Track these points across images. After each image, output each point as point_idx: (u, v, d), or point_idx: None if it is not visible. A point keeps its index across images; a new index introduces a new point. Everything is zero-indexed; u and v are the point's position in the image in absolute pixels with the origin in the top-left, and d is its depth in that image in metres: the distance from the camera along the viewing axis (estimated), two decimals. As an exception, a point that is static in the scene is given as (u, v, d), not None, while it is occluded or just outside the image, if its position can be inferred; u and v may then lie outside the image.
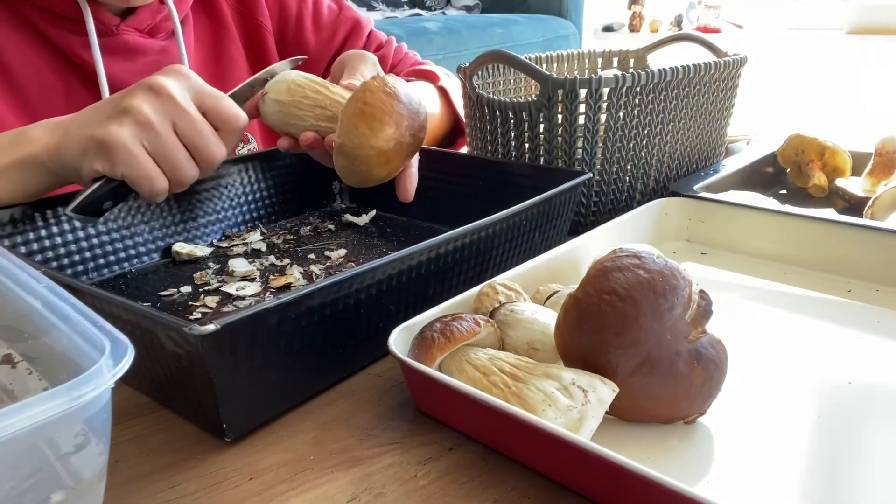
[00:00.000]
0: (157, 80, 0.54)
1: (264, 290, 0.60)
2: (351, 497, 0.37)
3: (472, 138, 0.82)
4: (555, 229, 0.64)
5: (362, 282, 0.45)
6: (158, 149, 0.54)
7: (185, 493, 0.38)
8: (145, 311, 0.39)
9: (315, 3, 0.95)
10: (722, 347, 0.41)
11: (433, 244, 0.49)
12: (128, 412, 0.46)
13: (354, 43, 0.96)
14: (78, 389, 0.26)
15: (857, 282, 0.60)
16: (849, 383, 0.46)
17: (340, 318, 0.45)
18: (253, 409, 0.43)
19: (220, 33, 0.89)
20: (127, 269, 0.65)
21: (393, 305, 0.49)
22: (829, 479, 0.37)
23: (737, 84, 0.83)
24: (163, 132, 0.53)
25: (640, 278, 0.39)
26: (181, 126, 0.54)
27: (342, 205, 0.83)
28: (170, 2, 0.78)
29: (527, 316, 0.46)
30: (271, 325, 0.41)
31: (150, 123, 0.53)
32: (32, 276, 0.35)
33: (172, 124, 0.54)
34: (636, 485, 0.33)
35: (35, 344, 0.35)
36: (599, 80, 0.67)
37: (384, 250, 0.69)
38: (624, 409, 0.40)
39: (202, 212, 0.71)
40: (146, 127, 0.53)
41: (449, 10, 3.08)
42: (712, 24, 3.34)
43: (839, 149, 0.83)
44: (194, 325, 0.36)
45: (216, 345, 0.38)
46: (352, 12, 0.99)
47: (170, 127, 0.54)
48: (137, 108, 0.52)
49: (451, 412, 0.42)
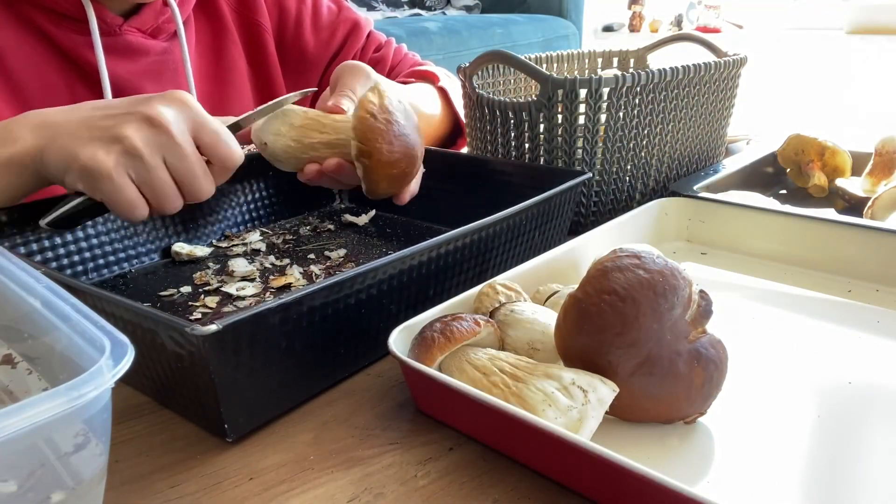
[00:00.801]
0: (155, 109, 0.51)
1: (264, 290, 0.60)
2: (351, 497, 0.37)
3: (472, 138, 0.82)
4: (555, 229, 0.64)
5: (363, 282, 0.45)
6: (145, 181, 0.52)
7: (186, 493, 0.38)
8: (147, 311, 0.39)
9: (314, 3, 0.95)
10: (722, 347, 0.41)
11: (434, 244, 0.49)
12: (128, 412, 0.46)
13: (354, 44, 0.96)
14: (78, 389, 0.26)
15: (857, 282, 0.60)
16: (849, 383, 0.46)
17: (341, 318, 0.45)
18: (254, 409, 0.43)
19: (221, 34, 0.89)
20: (126, 270, 0.65)
21: (394, 305, 0.49)
22: (829, 479, 0.37)
23: (737, 84, 0.83)
24: (152, 166, 0.51)
25: (640, 278, 0.39)
26: (171, 161, 0.52)
27: (342, 205, 0.83)
28: (173, 3, 0.78)
29: (527, 316, 0.46)
30: (273, 324, 0.41)
31: (140, 156, 0.51)
32: (32, 276, 0.35)
33: (163, 158, 0.52)
34: (636, 485, 0.33)
35: (35, 344, 0.35)
36: (599, 80, 0.67)
37: (384, 250, 0.69)
38: (624, 409, 0.40)
39: (201, 212, 0.71)
40: (135, 159, 0.51)
41: (449, 10, 3.09)
42: (712, 24, 3.34)
43: (839, 149, 0.83)
44: (196, 326, 0.36)
45: (218, 345, 0.38)
46: (351, 13, 0.98)
47: (160, 160, 0.52)
48: (130, 139, 0.50)
49: (451, 412, 0.42)
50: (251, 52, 0.91)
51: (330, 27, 0.96)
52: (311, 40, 0.94)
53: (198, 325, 0.36)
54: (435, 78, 0.95)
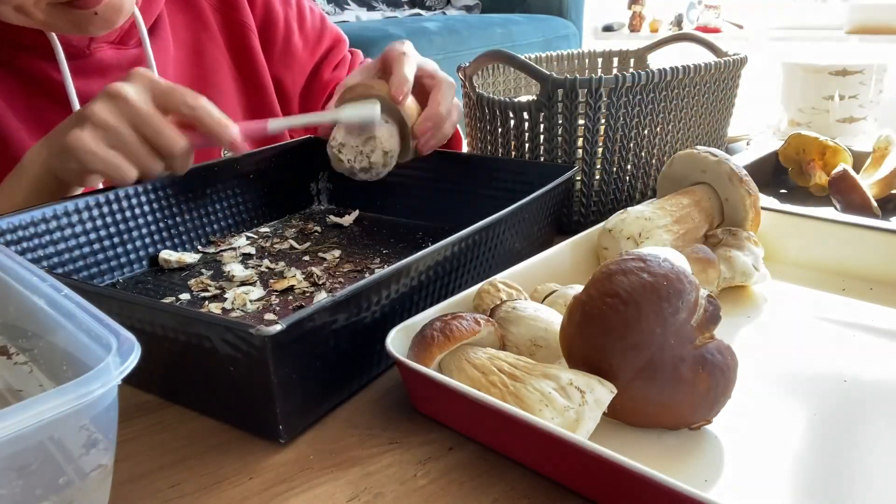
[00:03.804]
0: (115, 86, 0.59)
1: (268, 293, 0.60)
2: (351, 497, 0.38)
3: (472, 138, 0.82)
4: (546, 220, 0.65)
5: (408, 274, 0.46)
6: (119, 145, 0.58)
7: (186, 493, 0.38)
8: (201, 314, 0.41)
9: (299, 7, 0.95)
10: (731, 354, 0.41)
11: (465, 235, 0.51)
12: (128, 411, 0.46)
13: (336, 55, 0.97)
14: (85, 387, 0.26)
15: (852, 280, 0.60)
16: (844, 381, 0.46)
17: (383, 312, 0.46)
18: (305, 408, 0.43)
19: (202, 34, 0.87)
20: (115, 279, 0.64)
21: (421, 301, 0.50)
22: (826, 477, 0.37)
23: (737, 84, 0.83)
24: (120, 130, 0.58)
25: (644, 282, 0.39)
26: (137, 123, 0.58)
27: (321, 206, 0.83)
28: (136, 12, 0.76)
29: (529, 313, 0.46)
30: (327, 322, 0.41)
31: (107, 124, 0.58)
32: (36, 275, 0.36)
33: (130, 123, 0.58)
34: (632, 483, 0.33)
35: (40, 342, 0.36)
36: (599, 80, 0.67)
37: (379, 249, 0.69)
38: (627, 413, 0.40)
39: (182, 219, 0.69)
40: (105, 128, 0.58)
41: (449, 10, 3.08)
42: (712, 24, 3.34)
43: (840, 148, 0.83)
44: (261, 327, 0.37)
45: (280, 345, 0.38)
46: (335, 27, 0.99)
47: (126, 125, 0.58)
48: (96, 114, 0.58)
49: (446, 411, 0.43)
50: (235, 51, 0.90)
51: (316, 34, 0.96)
52: (300, 44, 0.94)
53: (262, 326, 0.37)
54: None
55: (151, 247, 0.67)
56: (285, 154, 0.80)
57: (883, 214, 0.74)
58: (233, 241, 0.72)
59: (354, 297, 0.42)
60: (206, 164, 0.72)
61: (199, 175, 0.71)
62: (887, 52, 3.06)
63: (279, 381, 0.39)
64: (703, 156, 0.62)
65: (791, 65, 1.17)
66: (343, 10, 2.81)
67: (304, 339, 0.40)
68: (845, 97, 1.11)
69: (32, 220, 0.57)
